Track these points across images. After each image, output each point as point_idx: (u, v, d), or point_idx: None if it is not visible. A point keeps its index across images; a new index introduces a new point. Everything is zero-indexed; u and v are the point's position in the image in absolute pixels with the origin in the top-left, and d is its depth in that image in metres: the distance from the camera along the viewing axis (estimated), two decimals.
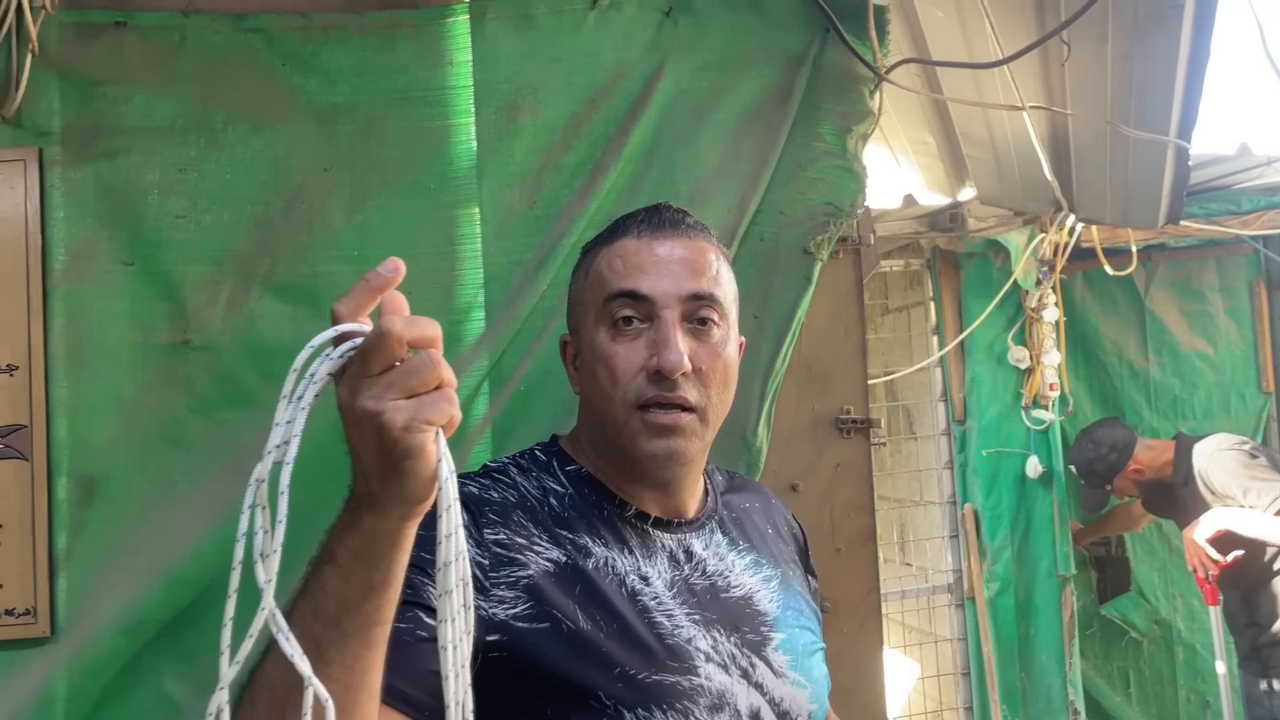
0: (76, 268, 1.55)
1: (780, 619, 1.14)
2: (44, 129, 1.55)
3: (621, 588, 1.04)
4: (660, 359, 1.04)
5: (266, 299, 1.58)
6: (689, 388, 1.06)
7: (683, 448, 1.07)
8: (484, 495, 1.06)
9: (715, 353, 1.09)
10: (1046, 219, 3.31)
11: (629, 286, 1.07)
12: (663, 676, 1.01)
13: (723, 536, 1.17)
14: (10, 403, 1.51)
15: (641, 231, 1.11)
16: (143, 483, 1.55)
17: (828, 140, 1.74)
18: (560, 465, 1.14)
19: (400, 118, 1.62)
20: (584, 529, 1.07)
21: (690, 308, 1.08)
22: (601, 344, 1.08)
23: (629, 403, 1.06)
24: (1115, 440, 3.41)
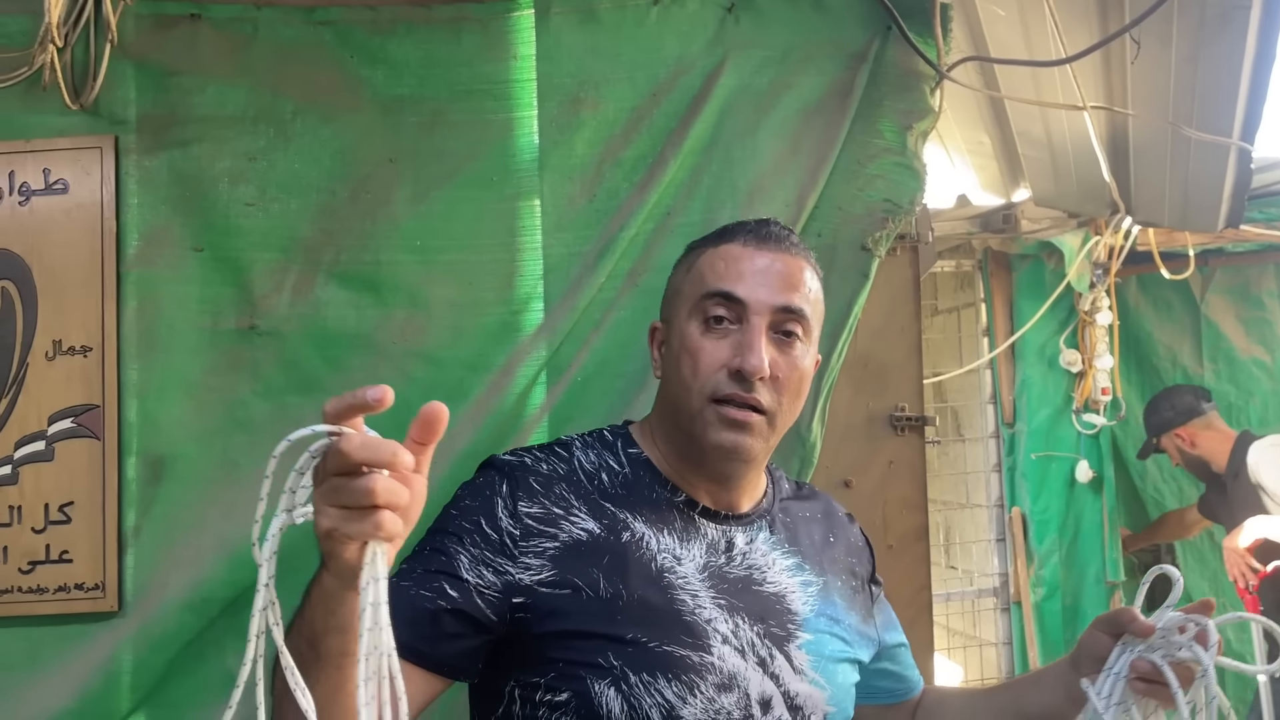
0: (149, 253, 1.59)
1: (810, 622, 1.17)
2: (120, 117, 1.59)
3: (651, 564, 1.11)
4: (743, 360, 1.11)
5: (331, 286, 1.61)
6: (764, 391, 1.12)
7: (749, 445, 1.13)
8: (534, 467, 1.15)
9: (794, 364, 1.15)
10: (1102, 221, 3.27)
11: (726, 288, 1.15)
12: (673, 648, 1.07)
13: (769, 535, 1.21)
14: (83, 383, 1.56)
15: (748, 240, 1.18)
16: (208, 464, 1.59)
17: (888, 137, 1.73)
18: (624, 447, 1.22)
19: (464, 110, 1.64)
20: (628, 506, 1.15)
21: (779, 318, 1.14)
22: (691, 336, 1.15)
23: (705, 394, 1.13)
24: (1178, 403, 3.49)
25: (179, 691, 1.54)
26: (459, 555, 1.08)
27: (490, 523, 1.10)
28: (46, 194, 1.58)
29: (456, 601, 1.05)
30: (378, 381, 1.66)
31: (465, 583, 1.06)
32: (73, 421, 1.55)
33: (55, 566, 1.54)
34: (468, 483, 1.17)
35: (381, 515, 0.76)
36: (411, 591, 1.05)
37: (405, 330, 1.61)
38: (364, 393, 0.77)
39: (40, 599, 1.54)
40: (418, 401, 1.62)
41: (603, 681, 1.05)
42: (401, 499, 0.77)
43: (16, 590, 1.53)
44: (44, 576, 1.54)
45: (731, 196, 1.69)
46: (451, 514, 1.13)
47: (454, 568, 1.07)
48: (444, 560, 1.08)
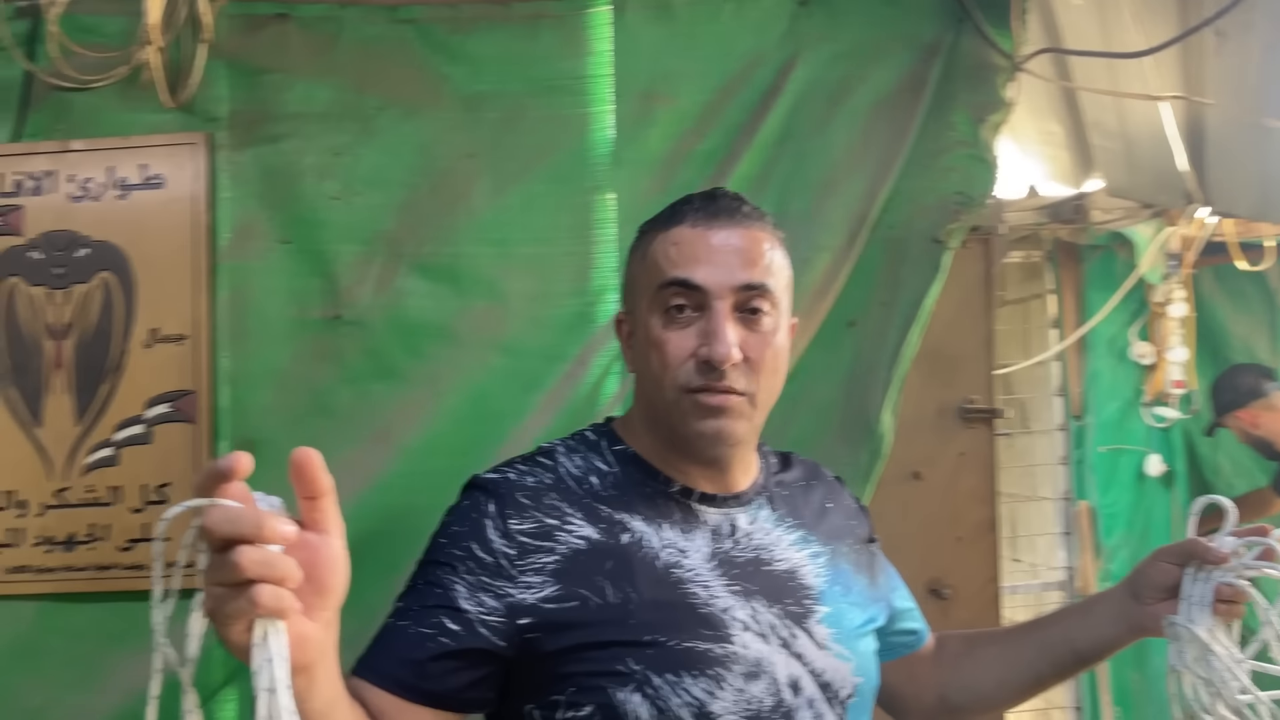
0: (240, 245, 1.65)
1: (826, 594, 1.14)
2: (213, 114, 1.66)
3: (656, 561, 1.07)
4: (710, 350, 1.06)
5: (412, 278, 1.66)
6: (737, 376, 1.07)
7: (731, 428, 1.09)
8: (519, 481, 1.11)
9: (765, 341, 1.10)
10: (1176, 212, 3.21)
11: (682, 275, 1.08)
12: (694, 643, 1.03)
13: (771, 512, 1.18)
14: (179, 370, 1.63)
15: (697, 219, 1.11)
16: (296, 448, 1.64)
17: (960, 130, 1.74)
18: (609, 445, 1.18)
19: (542, 106, 1.68)
20: (624, 506, 1.11)
21: (742, 297, 1.08)
22: (654, 329, 1.10)
23: (678, 386, 1.08)
24: (1241, 384, 3.44)
25: None
26: (455, 585, 1.04)
27: (483, 546, 1.05)
28: (144, 188, 1.65)
29: (459, 635, 1.01)
30: (458, 371, 1.73)
31: (465, 614, 1.02)
32: (169, 406, 1.62)
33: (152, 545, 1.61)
34: (453, 507, 1.13)
35: (257, 591, 0.71)
36: (410, 631, 1.02)
37: (483, 321, 1.65)
38: (215, 463, 0.74)
39: (138, 575, 1.61)
40: (496, 391, 1.68)
41: (626, 689, 1.01)
42: (279, 570, 0.72)
43: (117, 567, 1.61)
44: (142, 554, 1.61)
45: (803, 190, 1.71)
46: (440, 543, 1.09)
47: (451, 599, 1.03)
48: (439, 593, 1.03)
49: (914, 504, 1.75)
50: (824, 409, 1.71)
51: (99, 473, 1.62)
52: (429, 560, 1.08)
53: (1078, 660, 1.24)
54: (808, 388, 1.72)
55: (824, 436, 1.70)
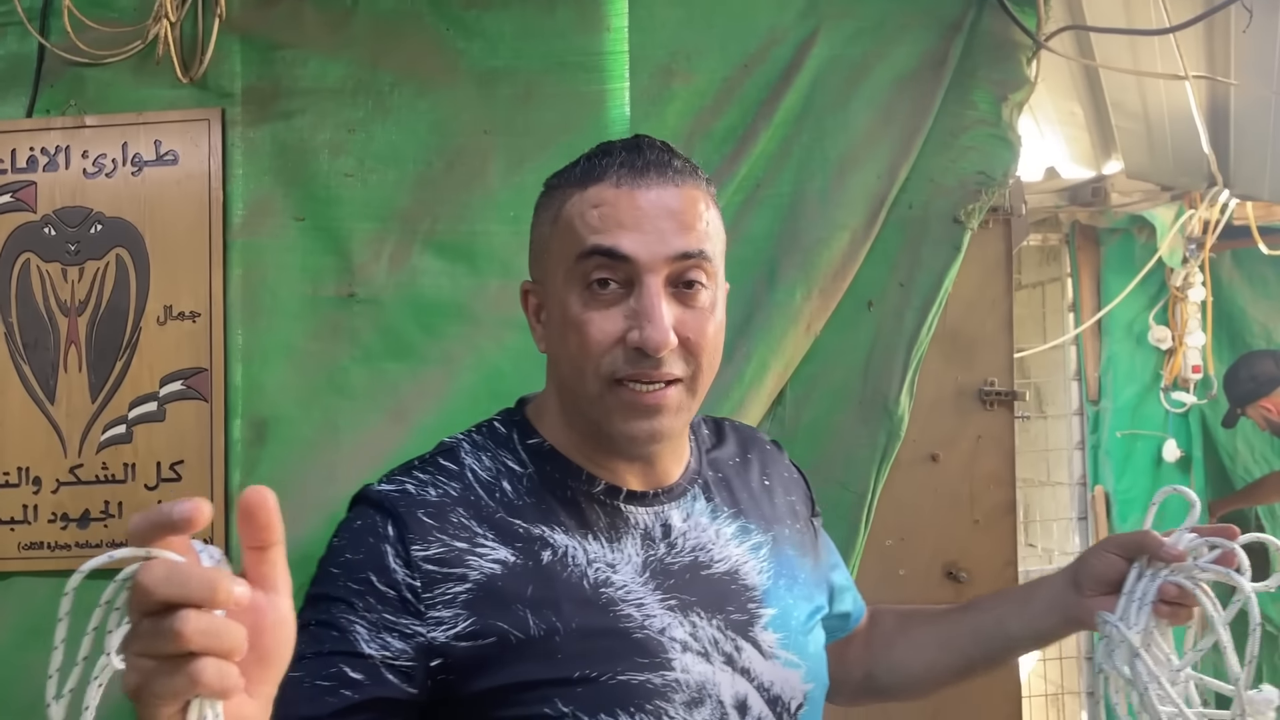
0: (253, 222, 1.64)
1: (770, 592, 1.04)
2: (227, 90, 1.64)
3: (584, 581, 0.94)
4: (643, 335, 0.91)
5: (427, 256, 1.65)
6: (674, 361, 0.93)
7: (666, 426, 0.95)
8: (420, 496, 0.95)
9: (704, 318, 0.95)
10: (1197, 194, 3.18)
11: (607, 244, 0.92)
12: (630, 676, 0.92)
13: (706, 503, 1.06)
14: (192, 347, 1.62)
15: (621, 177, 0.94)
16: (309, 427, 1.64)
17: (982, 108, 1.71)
18: (521, 438, 1.03)
19: (557, 82, 1.66)
20: (541, 517, 0.97)
21: (677, 269, 0.93)
22: (572, 308, 0.94)
23: (603, 377, 0.93)
24: (1259, 372, 3.43)
25: None
26: (354, 626, 0.89)
27: (383, 577, 0.90)
28: (158, 165, 1.64)
29: (362, 685, 0.87)
30: (473, 349, 1.71)
31: (368, 659, 0.88)
32: (183, 384, 1.62)
33: None
34: (343, 527, 0.97)
35: (199, 665, 0.58)
36: (306, 684, 0.86)
37: (499, 299, 1.64)
38: (171, 509, 0.60)
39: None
40: (510, 369, 1.67)
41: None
42: (227, 641, 0.59)
43: None
44: None
45: (822, 168, 1.69)
46: (332, 573, 0.93)
47: (350, 644, 0.88)
48: (336, 636, 0.89)
49: (931, 486, 1.73)
50: (841, 390, 1.69)
51: (113, 450, 1.62)
52: (319, 596, 0.92)
53: (1010, 648, 1.16)
54: (825, 368, 1.71)
55: (841, 417, 1.68)
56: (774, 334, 1.65)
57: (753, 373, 1.65)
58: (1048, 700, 3.74)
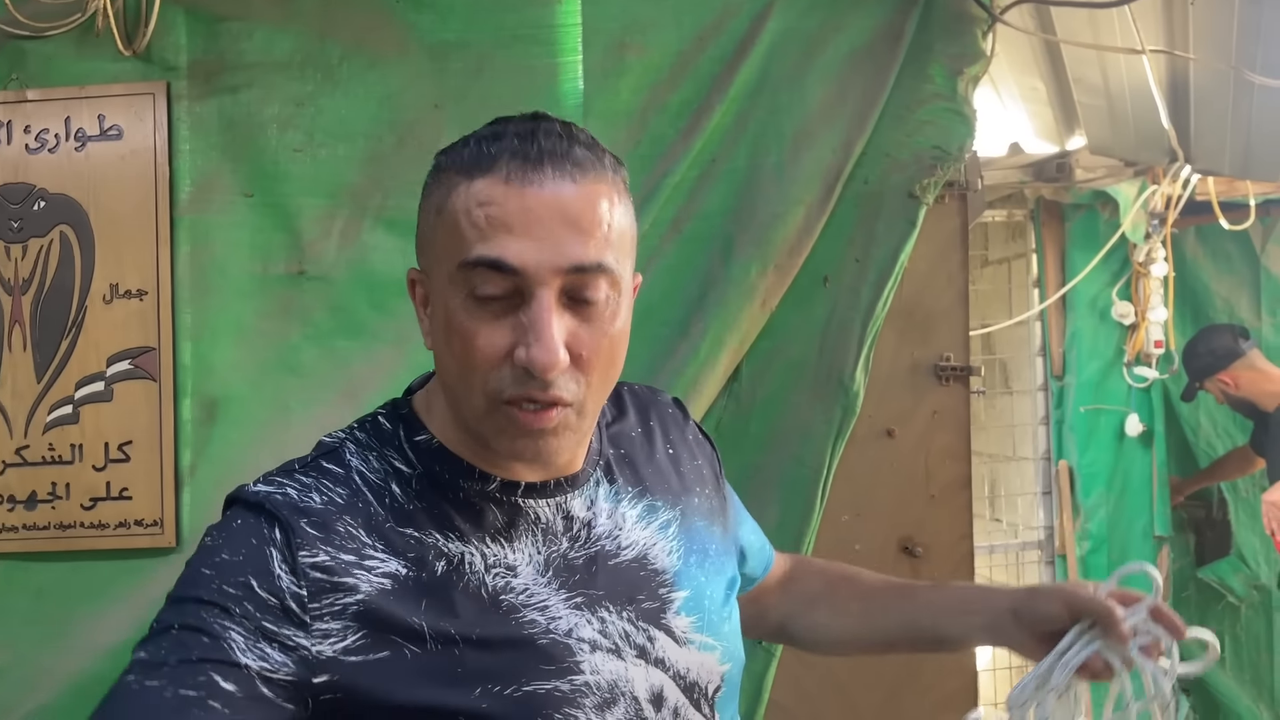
0: (201, 198, 1.62)
1: (682, 573, 0.99)
2: (171, 64, 1.61)
3: (482, 590, 0.88)
4: (529, 355, 0.82)
5: (378, 232, 1.63)
6: (565, 382, 0.85)
7: (555, 447, 0.88)
8: (302, 503, 0.86)
9: (601, 332, 0.86)
10: (1159, 170, 3.19)
11: (492, 255, 0.82)
12: (536, 685, 0.87)
13: (609, 487, 0.99)
14: (140, 326, 1.60)
15: (512, 170, 0.83)
16: (260, 406, 1.62)
17: (937, 82, 1.71)
18: (408, 435, 0.94)
19: (509, 56, 1.64)
20: (433, 522, 0.90)
21: (572, 281, 0.83)
22: (456, 315, 0.84)
23: (488, 394, 0.85)
24: (1217, 347, 3.41)
25: None
26: (228, 632, 0.79)
27: (265, 583, 0.82)
28: (102, 140, 1.61)
29: (235, 699, 0.78)
30: None
31: (243, 669, 0.79)
32: (130, 363, 1.60)
33: (115, 503, 1.59)
34: (218, 527, 0.87)
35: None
36: (168, 694, 0.76)
37: None
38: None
39: (101, 534, 1.59)
40: None
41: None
42: None
43: (79, 525, 1.59)
44: (105, 513, 1.59)
45: (778, 142, 1.68)
46: (204, 574, 0.82)
47: (224, 651, 0.79)
48: (206, 643, 0.78)
49: (887, 462, 1.73)
50: (797, 365, 1.69)
51: (59, 430, 1.59)
52: (186, 598, 0.82)
53: (936, 645, 1.14)
54: (781, 344, 1.70)
55: (797, 393, 1.68)
56: (729, 310, 1.65)
57: (708, 349, 1.64)
58: (1012, 673, 3.79)
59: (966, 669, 1.79)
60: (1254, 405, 3.41)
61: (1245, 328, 3.52)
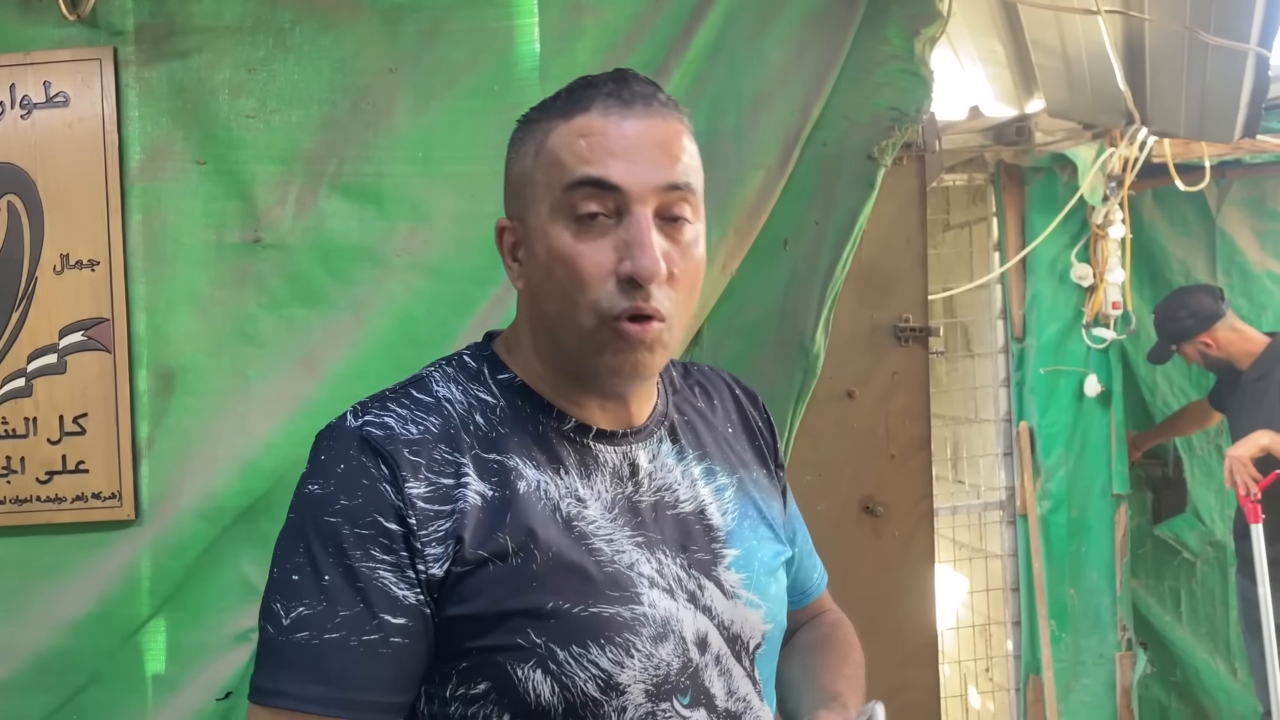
0: (152, 166, 1.59)
1: (734, 533, 1.05)
2: (118, 28, 1.58)
3: (555, 514, 0.95)
4: (636, 265, 0.91)
5: (334, 199, 1.61)
6: (661, 296, 0.93)
7: (650, 362, 0.96)
8: (402, 433, 0.94)
9: (688, 254, 0.96)
10: (1117, 133, 3.22)
11: (597, 174, 0.91)
12: (601, 609, 0.93)
13: (671, 445, 1.06)
14: (92, 296, 1.58)
15: (609, 105, 0.93)
16: (218, 376, 1.61)
17: (895, 44, 1.71)
18: (492, 373, 1.02)
19: (464, 18, 1.62)
20: (514, 449, 0.97)
21: (665, 201, 0.93)
22: (560, 241, 0.93)
23: (599, 311, 0.92)
24: (1197, 308, 3.44)
25: (197, 597, 1.59)
26: (377, 571, 0.89)
27: (391, 516, 0.90)
28: (48, 107, 1.58)
29: (407, 629, 0.90)
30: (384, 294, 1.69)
31: (402, 601, 0.90)
32: (83, 335, 1.57)
33: (72, 476, 1.58)
34: (323, 473, 0.93)
35: None
36: (352, 642, 0.88)
37: (409, 243, 1.61)
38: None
39: (59, 508, 1.57)
40: (422, 314, 1.65)
41: (526, 665, 0.90)
42: None
43: (36, 500, 1.57)
44: (62, 486, 1.57)
45: (736, 105, 1.68)
46: (329, 522, 0.91)
47: (380, 590, 0.89)
48: (362, 588, 0.89)
49: (847, 422, 1.75)
50: (757, 328, 1.70)
51: (12, 404, 1.57)
52: (325, 548, 0.90)
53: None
54: (742, 307, 1.71)
55: (757, 355, 1.69)
56: None
57: None
58: (975, 631, 3.85)
59: (927, 628, 1.82)
60: (1230, 364, 3.46)
61: (1220, 288, 3.57)
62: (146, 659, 1.60)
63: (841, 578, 1.66)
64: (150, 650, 1.60)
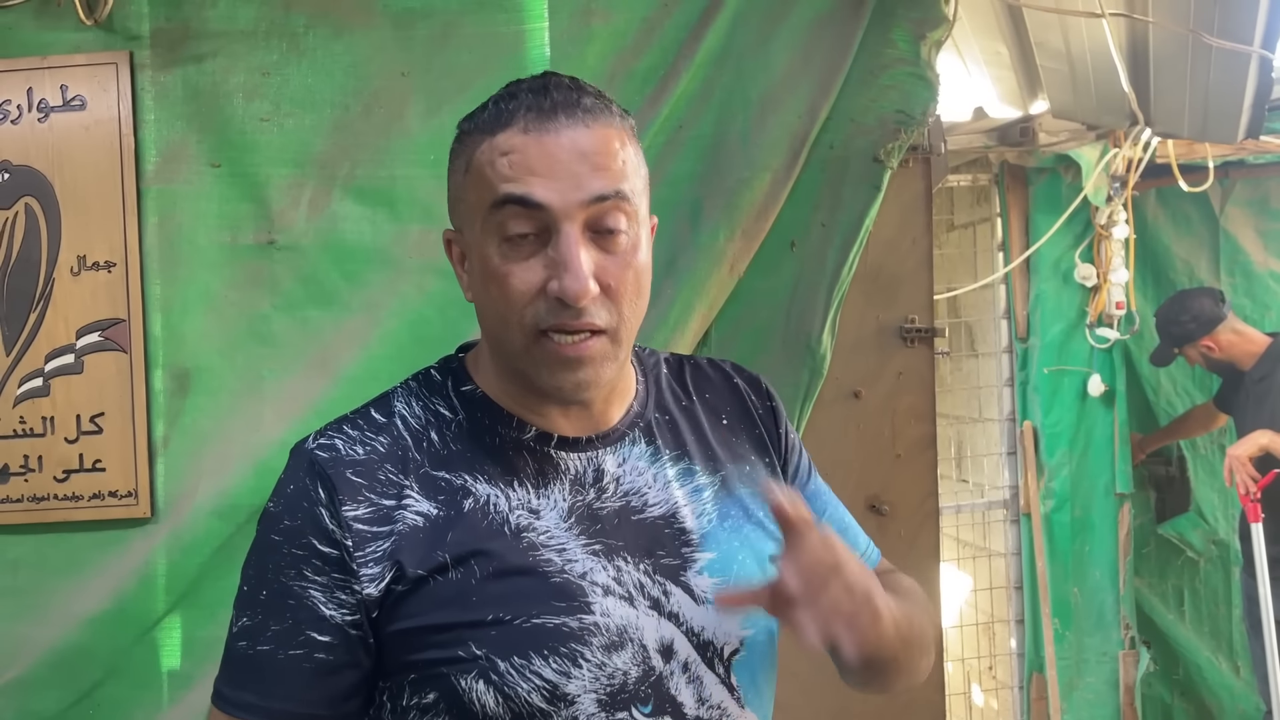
0: (168, 169, 1.61)
1: (710, 536, 1.01)
2: (134, 33, 1.60)
3: (505, 527, 0.95)
4: (562, 286, 0.89)
5: (347, 201, 1.63)
6: (596, 310, 0.91)
7: (594, 376, 0.94)
8: (348, 454, 0.95)
9: (625, 263, 0.93)
10: (1120, 133, 3.24)
11: (519, 192, 0.89)
12: (546, 619, 0.92)
13: (645, 447, 1.04)
14: (109, 298, 1.60)
15: (530, 121, 0.90)
16: (232, 377, 1.63)
17: (901, 47, 1.72)
18: (455, 385, 1.01)
19: (475, 23, 1.64)
20: (466, 466, 0.97)
21: (594, 213, 0.91)
22: (491, 260, 0.92)
23: (527, 328, 0.92)
24: (1199, 312, 3.44)
25: (211, 594, 1.60)
26: (308, 591, 0.91)
27: (324, 539, 0.92)
28: (65, 110, 1.60)
29: (332, 647, 0.92)
30: (396, 295, 1.71)
31: (329, 620, 0.91)
32: (100, 335, 1.59)
33: (89, 475, 1.60)
34: (277, 490, 0.97)
35: None
36: (279, 656, 0.91)
37: (421, 245, 1.63)
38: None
39: (76, 506, 1.60)
40: (434, 315, 1.67)
41: (469, 676, 0.90)
42: None
43: (53, 498, 1.59)
44: (78, 484, 1.59)
45: (744, 108, 1.69)
46: (274, 541, 0.94)
47: (310, 609, 0.91)
48: (294, 604, 0.91)
49: (853, 422, 1.77)
50: (765, 330, 1.72)
51: (30, 403, 1.59)
52: (266, 565, 0.94)
53: None
54: (749, 309, 1.73)
55: (765, 357, 1.71)
56: (698, 276, 1.67)
57: (677, 315, 1.66)
58: (979, 629, 3.87)
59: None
60: (1233, 366, 3.47)
61: (1221, 291, 3.58)
62: (162, 655, 1.62)
63: None
64: (165, 646, 1.62)
